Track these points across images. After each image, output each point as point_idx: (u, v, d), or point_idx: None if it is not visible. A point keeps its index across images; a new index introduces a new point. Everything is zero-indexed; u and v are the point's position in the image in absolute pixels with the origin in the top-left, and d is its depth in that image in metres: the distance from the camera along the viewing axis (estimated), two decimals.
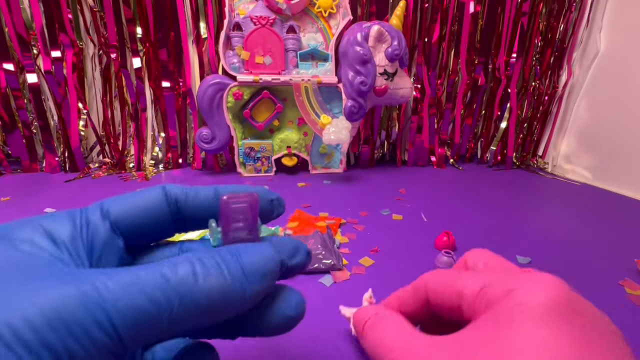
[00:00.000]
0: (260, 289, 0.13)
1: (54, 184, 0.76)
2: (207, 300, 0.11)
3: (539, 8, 0.96)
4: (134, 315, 0.10)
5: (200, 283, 0.11)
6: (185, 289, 0.11)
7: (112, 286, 0.10)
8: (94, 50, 0.85)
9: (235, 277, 0.12)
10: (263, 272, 0.13)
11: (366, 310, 0.19)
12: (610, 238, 0.57)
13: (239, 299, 0.12)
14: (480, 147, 1.09)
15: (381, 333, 0.16)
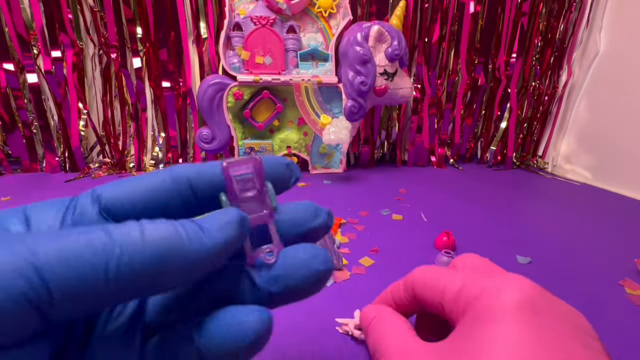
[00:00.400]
0: (223, 238, 0.12)
1: (54, 184, 0.76)
2: (154, 252, 0.10)
3: (539, 8, 0.96)
4: (63, 257, 0.09)
5: (145, 236, 0.10)
6: (128, 240, 0.10)
7: (44, 237, 0.09)
8: (94, 50, 0.85)
9: (189, 231, 0.11)
10: (222, 224, 0.12)
11: (370, 310, 0.20)
12: (610, 238, 0.57)
13: (199, 251, 0.11)
14: (480, 147, 1.09)
15: (381, 334, 0.17)
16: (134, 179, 0.14)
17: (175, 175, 0.13)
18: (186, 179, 0.13)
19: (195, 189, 0.14)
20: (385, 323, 0.18)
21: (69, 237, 0.09)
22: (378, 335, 0.17)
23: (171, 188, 0.13)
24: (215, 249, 0.11)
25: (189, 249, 0.11)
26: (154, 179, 0.13)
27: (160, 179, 0.13)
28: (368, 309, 0.20)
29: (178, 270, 0.10)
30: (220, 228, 0.12)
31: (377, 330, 0.18)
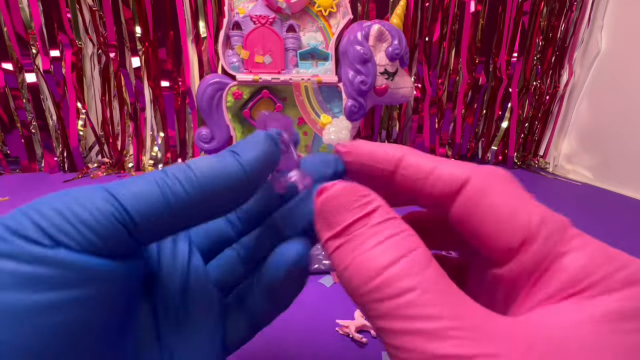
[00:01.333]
0: (254, 154, 0.13)
1: (53, 184, 0.76)
2: (201, 176, 0.12)
3: (540, 7, 0.96)
4: (132, 191, 0.11)
5: (192, 167, 0.12)
6: (179, 173, 0.12)
7: (116, 183, 0.12)
8: (93, 50, 0.85)
9: (225, 155, 0.13)
10: (253, 143, 0.14)
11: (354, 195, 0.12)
12: (611, 238, 0.56)
13: (237, 169, 0.12)
14: (481, 146, 1.08)
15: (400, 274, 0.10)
16: None
17: None
18: None
19: None
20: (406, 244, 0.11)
21: (132, 179, 0.12)
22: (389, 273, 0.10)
23: None
24: (250, 164, 0.13)
25: (229, 169, 0.12)
26: None
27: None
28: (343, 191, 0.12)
29: (225, 189, 0.12)
30: (252, 147, 0.13)
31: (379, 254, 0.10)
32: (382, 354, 0.31)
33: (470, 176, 0.12)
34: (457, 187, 0.12)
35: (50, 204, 0.11)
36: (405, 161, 0.13)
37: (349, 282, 0.10)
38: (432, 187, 0.13)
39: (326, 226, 0.12)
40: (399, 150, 0.14)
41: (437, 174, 0.12)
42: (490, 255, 0.11)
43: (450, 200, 0.12)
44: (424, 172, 0.13)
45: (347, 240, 0.11)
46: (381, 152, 0.14)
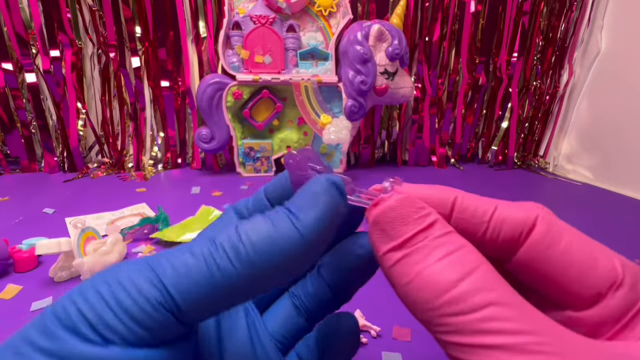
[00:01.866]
0: (318, 217, 0.11)
1: (53, 184, 0.76)
2: (255, 248, 0.10)
3: (540, 7, 0.96)
4: (175, 267, 0.10)
5: (243, 235, 0.10)
6: (229, 242, 0.10)
7: (162, 256, 0.11)
8: (93, 50, 0.85)
9: (279, 219, 0.11)
10: (313, 196, 0.11)
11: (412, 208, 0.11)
12: (612, 238, 0.56)
13: (293, 238, 0.10)
14: (482, 147, 1.08)
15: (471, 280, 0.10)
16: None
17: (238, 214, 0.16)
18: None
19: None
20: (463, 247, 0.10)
21: (179, 251, 0.11)
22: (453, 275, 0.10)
23: None
24: (310, 230, 0.11)
25: (284, 239, 0.10)
26: None
27: None
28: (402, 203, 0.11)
29: (280, 262, 0.10)
30: (312, 203, 0.11)
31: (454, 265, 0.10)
32: (382, 354, 0.31)
33: (537, 218, 0.11)
34: (525, 231, 0.11)
35: (96, 289, 0.10)
36: (461, 204, 0.12)
37: (414, 296, 0.10)
38: (495, 232, 0.12)
39: (385, 238, 0.11)
40: (451, 192, 0.13)
41: (500, 217, 0.12)
42: (568, 299, 0.11)
43: (515, 245, 0.11)
44: (484, 215, 0.12)
45: (409, 252, 0.11)
46: (435, 195, 0.12)
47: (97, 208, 0.60)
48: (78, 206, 0.62)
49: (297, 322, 0.16)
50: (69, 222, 0.55)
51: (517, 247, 0.11)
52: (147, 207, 0.62)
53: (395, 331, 0.34)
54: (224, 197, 0.70)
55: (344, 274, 0.15)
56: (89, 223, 0.48)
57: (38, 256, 0.44)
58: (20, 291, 0.39)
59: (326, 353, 0.15)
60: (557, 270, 0.11)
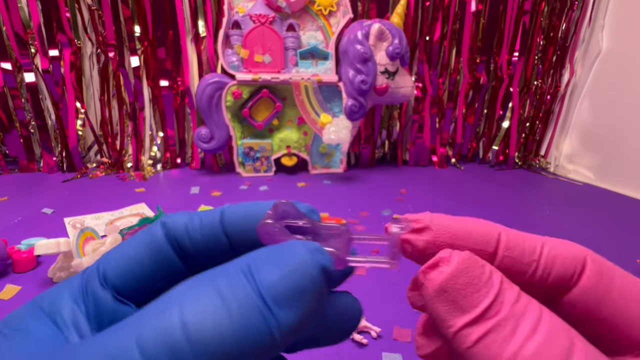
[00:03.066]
0: (299, 317, 0.08)
1: (52, 184, 0.75)
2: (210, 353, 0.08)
3: (541, 7, 0.96)
4: None
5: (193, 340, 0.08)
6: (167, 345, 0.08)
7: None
8: (92, 49, 0.85)
9: (249, 313, 0.08)
10: (299, 293, 0.08)
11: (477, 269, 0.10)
12: (612, 238, 0.56)
13: (265, 342, 0.08)
14: (482, 146, 1.08)
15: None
16: (127, 247, 0.12)
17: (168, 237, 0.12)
18: (177, 243, 0.12)
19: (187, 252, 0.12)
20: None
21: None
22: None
23: (167, 254, 0.12)
24: (288, 332, 0.08)
25: (254, 344, 0.08)
26: (144, 248, 0.12)
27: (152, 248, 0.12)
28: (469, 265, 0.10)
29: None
30: (297, 300, 0.08)
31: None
32: (382, 355, 0.31)
33: (586, 257, 0.11)
34: (578, 271, 0.10)
35: None
36: (507, 241, 0.11)
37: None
38: (546, 272, 0.11)
39: (457, 310, 0.09)
40: (494, 227, 0.11)
41: (550, 255, 0.11)
42: (627, 344, 0.10)
43: (567, 285, 0.11)
44: (533, 253, 0.11)
45: (492, 327, 0.09)
46: (476, 232, 0.11)
47: (96, 208, 0.60)
48: (77, 206, 0.62)
49: None
50: (68, 222, 0.55)
51: (568, 287, 0.11)
52: (146, 207, 0.61)
53: (396, 332, 0.33)
54: (223, 197, 0.70)
55: (317, 342, 0.12)
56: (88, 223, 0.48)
57: (37, 256, 0.44)
58: (20, 291, 0.38)
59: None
60: (616, 313, 0.10)
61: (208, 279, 0.09)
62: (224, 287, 0.08)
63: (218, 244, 0.12)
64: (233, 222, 0.12)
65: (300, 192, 0.73)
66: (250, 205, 0.12)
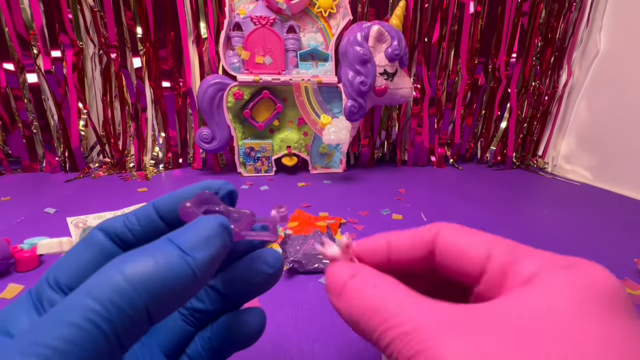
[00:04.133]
0: (210, 255, 0.12)
1: (54, 184, 0.76)
2: (147, 288, 0.10)
3: (539, 8, 0.96)
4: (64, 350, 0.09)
5: (129, 276, 0.10)
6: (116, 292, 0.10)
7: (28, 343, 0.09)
8: (94, 50, 0.85)
9: (173, 260, 0.11)
10: (206, 238, 0.12)
11: (345, 267, 0.15)
12: (611, 238, 0.57)
13: (188, 277, 0.11)
14: (480, 147, 1.08)
15: (372, 297, 0.13)
16: (73, 253, 0.14)
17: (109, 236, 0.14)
18: (119, 240, 0.14)
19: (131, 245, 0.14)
20: (375, 281, 0.13)
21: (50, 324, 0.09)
22: (367, 298, 0.13)
23: (111, 252, 0.13)
24: (203, 267, 0.11)
25: (177, 278, 0.11)
26: (89, 250, 0.13)
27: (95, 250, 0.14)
28: (339, 267, 0.15)
29: (170, 296, 0.11)
30: (205, 244, 0.12)
31: (367, 292, 0.13)
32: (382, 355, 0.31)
33: (440, 228, 0.16)
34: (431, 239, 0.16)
35: None
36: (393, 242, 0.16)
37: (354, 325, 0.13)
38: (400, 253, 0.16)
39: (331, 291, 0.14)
40: (383, 237, 0.17)
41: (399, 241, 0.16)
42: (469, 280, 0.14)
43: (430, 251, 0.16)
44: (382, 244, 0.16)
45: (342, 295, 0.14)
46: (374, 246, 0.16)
47: (99, 208, 0.60)
48: (79, 206, 0.63)
49: (183, 331, 0.16)
50: (71, 221, 0.55)
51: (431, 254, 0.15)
52: None
53: None
54: None
55: (246, 289, 0.16)
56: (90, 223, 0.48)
57: (39, 256, 0.44)
58: (22, 291, 0.39)
59: (222, 349, 0.16)
60: (454, 258, 0.14)
61: (139, 249, 0.11)
62: (152, 250, 0.11)
63: (156, 229, 0.14)
64: (165, 208, 0.14)
65: (301, 192, 0.74)
66: (177, 192, 0.15)
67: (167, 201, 0.14)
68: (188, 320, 0.16)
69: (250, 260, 0.16)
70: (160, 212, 0.14)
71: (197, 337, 0.17)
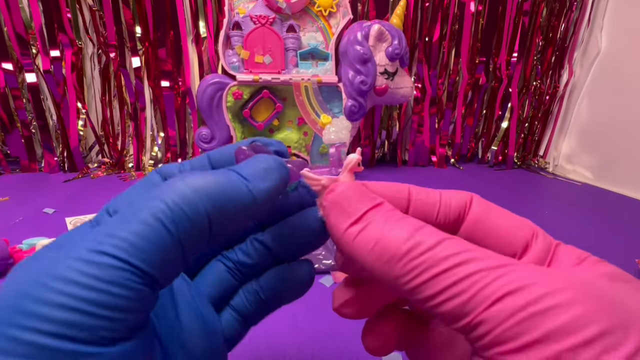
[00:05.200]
0: (270, 187, 0.12)
1: (53, 184, 0.76)
2: (214, 202, 0.11)
3: (540, 7, 0.96)
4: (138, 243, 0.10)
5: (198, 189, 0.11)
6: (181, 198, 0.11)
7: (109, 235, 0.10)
8: (93, 50, 0.85)
9: (233, 179, 0.12)
10: (266, 171, 0.13)
11: (361, 189, 0.13)
12: (611, 238, 0.57)
13: (247, 199, 0.12)
14: (481, 146, 1.08)
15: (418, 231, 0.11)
16: None
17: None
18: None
19: None
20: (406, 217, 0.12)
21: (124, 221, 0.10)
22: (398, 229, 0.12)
23: None
24: (261, 194, 0.12)
25: (240, 197, 0.12)
26: None
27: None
28: (351, 189, 0.13)
29: (231, 217, 0.11)
30: (265, 176, 0.12)
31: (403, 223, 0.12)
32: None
33: (472, 200, 0.15)
34: (467, 209, 0.14)
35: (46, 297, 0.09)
36: (415, 192, 0.15)
37: (382, 258, 0.11)
38: (446, 210, 0.14)
39: (344, 216, 0.13)
40: (404, 185, 0.15)
41: (447, 199, 0.15)
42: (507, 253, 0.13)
43: (461, 221, 0.14)
44: (435, 197, 0.15)
45: (368, 223, 0.12)
46: (392, 187, 0.15)
47: (98, 208, 0.60)
48: (78, 206, 0.62)
49: (229, 283, 0.17)
50: (69, 222, 0.55)
51: (461, 222, 0.14)
52: None
53: None
54: None
55: (294, 245, 0.17)
56: None
57: None
58: None
59: (269, 301, 0.16)
60: (493, 233, 0.14)
61: (202, 171, 0.12)
62: (213, 173, 0.12)
63: None
64: (219, 159, 0.15)
65: None
66: (230, 145, 0.15)
67: (221, 153, 0.15)
68: (233, 274, 0.17)
69: (300, 218, 0.16)
70: (213, 164, 0.15)
71: (243, 290, 0.17)
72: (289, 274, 0.16)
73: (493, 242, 0.13)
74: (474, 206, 0.14)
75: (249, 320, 0.17)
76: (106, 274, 0.09)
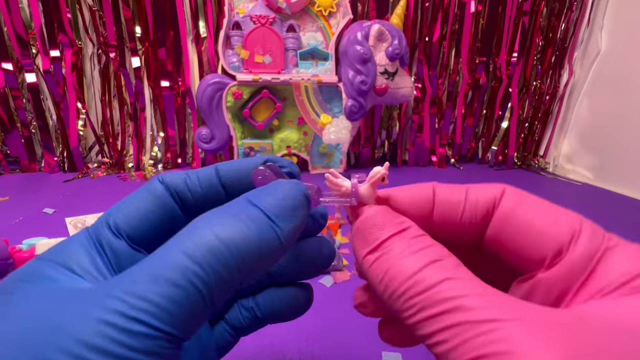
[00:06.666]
0: (295, 227, 0.12)
1: (53, 184, 0.76)
2: (243, 258, 0.10)
3: (540, 7, 0.96)
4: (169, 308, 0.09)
5: (228, 242, 0.10)
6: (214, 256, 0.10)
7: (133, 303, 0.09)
8: (93, 50, 0.85)
9: (261, 226, 0.11)
10: (293, 209, 0.12)
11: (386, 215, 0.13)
12: None
13: (275, 246, 0.11)
14: (482, 147, 1.08)
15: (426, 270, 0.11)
16: (132, 200, 0.14)
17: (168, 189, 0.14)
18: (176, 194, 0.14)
19: (187, 203, 0.14)
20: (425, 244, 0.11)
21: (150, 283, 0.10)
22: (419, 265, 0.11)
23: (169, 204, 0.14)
24: (289, 237, 0.12)
25: (267, 246, 0.11)
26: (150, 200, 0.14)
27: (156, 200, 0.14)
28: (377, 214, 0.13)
29: (259, 267, 0.11)
30: (292, 215, 0.12)
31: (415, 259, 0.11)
32: (382, 354, 0.31)
33: (504, 192, 0.13)
34: (498, 196, 0.13)
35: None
36: (440, 189, 0.14)
37: (388, 289, 0.11)
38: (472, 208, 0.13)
39: (364, 243, 0.13)
40: (428, 185, 0.14)
41: (473, 194, 0.13)
42: (535, 258, 0.12)
43: (491, 211, 0.13)
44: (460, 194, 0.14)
45: (383, 253, 0.12)
46: (415, 191, 0.14)
47: (97, 208, 0.60)
48: (78, 206, 0.62)
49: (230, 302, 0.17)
50: (69, 222, 0.55)
51: (489, 221, 0.13)
52: None
53: None
54: None
55: (296, 270, 0.16)
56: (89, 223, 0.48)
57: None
58: None
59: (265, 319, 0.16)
60: (520, 234, 0.12)
61: (221, 210, 0.11)
62: (237, 212, 0.11)
63: (216, 195, 0.14)
64: (228, 175, 0.14)
65: None
66: (240, 160, 0.15)
67: (231, 168, 0.14)
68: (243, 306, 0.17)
69: (305, 244, 0.16)
70: (222, 179, 0.14)
71: (238, 305, 0.17)
72: (287, 296, 0.16)
73: (519, 245, 0.12)
74: (503, 201, 0.13)
75: (242, 333, 0.17)
76: (140, 344, 0.09)
